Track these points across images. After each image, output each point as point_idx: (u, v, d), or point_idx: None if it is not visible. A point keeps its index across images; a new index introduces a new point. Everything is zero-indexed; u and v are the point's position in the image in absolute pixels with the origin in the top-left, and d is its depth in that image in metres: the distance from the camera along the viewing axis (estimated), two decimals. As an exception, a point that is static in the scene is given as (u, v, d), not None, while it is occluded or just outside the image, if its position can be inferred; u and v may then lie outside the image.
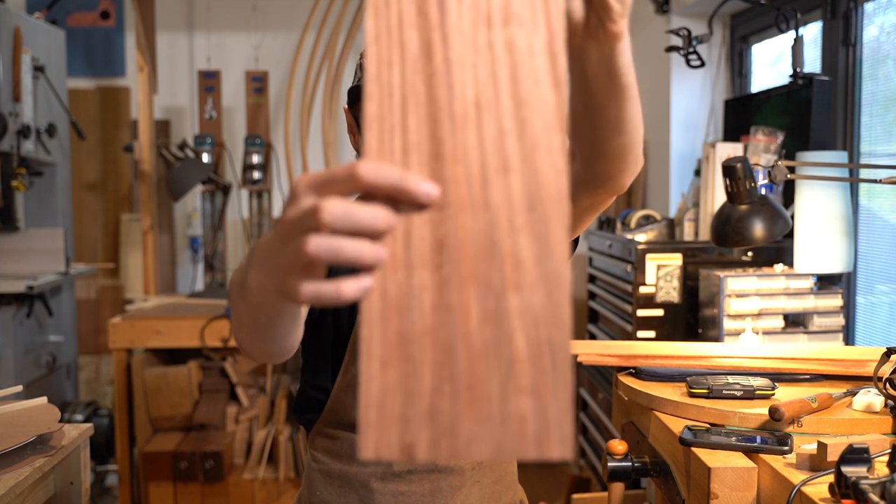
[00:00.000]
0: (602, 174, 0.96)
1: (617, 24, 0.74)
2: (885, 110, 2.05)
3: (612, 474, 1.46)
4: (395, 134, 0.57)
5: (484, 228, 0.55)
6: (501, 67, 0.61)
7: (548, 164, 0.57)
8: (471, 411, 0.51)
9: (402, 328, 0.53)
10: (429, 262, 0.54)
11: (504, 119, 0.59)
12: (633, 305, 2.22)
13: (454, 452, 0.51)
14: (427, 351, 0.52)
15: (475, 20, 0.62)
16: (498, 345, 0.53)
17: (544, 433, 0.51)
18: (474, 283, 0.54)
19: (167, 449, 2.94)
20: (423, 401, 0.51)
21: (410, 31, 0.61)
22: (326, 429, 1.24)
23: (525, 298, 0.54)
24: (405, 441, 0.50)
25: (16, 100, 2.73)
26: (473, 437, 0.51)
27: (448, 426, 0.51)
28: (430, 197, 0.52)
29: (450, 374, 0.52)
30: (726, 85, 3.00)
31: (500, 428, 0.51)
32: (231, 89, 3.81)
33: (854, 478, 0.92)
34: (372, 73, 0.59)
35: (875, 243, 2.05)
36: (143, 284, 3.56)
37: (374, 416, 0.51)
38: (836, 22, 2.21)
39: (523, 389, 0.51)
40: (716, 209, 2.27)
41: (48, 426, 1.49)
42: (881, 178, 1.59)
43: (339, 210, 0.51)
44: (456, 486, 1.21)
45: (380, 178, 0.52)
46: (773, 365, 1.50)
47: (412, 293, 0.53)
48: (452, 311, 0.53)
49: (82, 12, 3.92)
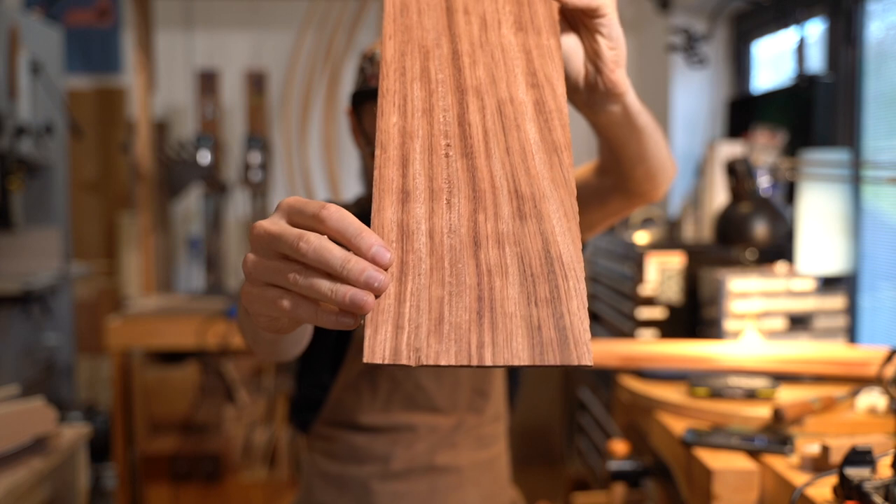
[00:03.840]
0: (634, 190, 1.03)
1: (613, 73, 0.78)
2: (889, 109, 2.04)
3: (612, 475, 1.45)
4: (408, 100, 0.61)
5: (493, 171, 0.59)
6: (510, 59, 0.67)
7: (556, 118, 0.62)
8: (480, 321, 0.52)
9: (411, 248, 0.55)
10: (438, 195, 0.57)
11: (516, 90, 0.64)
12: (634, 305, 2.21)
13: (463, 357, 0.51)
14: (437, 267, 0.54)
15: (482, 26, 0.67)
16: (508, 262, 0.54)
17: (561, 340, 0.51)
18: (482, 209, 0.57)
19: (166, 450, 2.93)
20: (433, 310, 0.52)
21: (423, 32, 0.67)
22: (325, 430, 1.23)
23: (534, 224, 0.56)
24: (412, 346, 0.51)
25: (13, 99, 2.72)
26: (483, 344, 0.51)
27: (456, 334, 0.51)
28: (379, 261, 0.53)
29: (459, 289, 0.53)
30: (728, 84, 2.99)
31: (512, 336, 0.51)
32: (231, 89, 3.80)
33: (857, 480, 0.91)
34: (388, 59, 0.64)
35: (879, 243, 2.04)
36: (141, 284, 3.55)
37: (381, 318, 0.52)
38: (839, 20, 2.20)
39: (537, 301, 0.53)
40: (717, 209, 2.26)
41: (45, 427, 1.48)
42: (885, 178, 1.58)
43: (314, 245, 0.53)
44: (454, 486, 1.20)
45: (339, 228, 0.53)
46: (775, 366, 1.49)
47: (420, 220, 0.56)
48: (462, 235, 0.55)
49: (80, 11, 3.91)
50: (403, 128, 0.61)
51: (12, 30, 2.74)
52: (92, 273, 3.47)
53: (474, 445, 1.23)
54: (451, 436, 1.21)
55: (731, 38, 2.96)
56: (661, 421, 1.35)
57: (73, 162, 3.64)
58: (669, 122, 3.04)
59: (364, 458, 1.19)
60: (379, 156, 0.59)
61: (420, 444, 1.19)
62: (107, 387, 3.75)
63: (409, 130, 0.61)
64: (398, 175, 0.58)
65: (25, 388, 2.74)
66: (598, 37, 0.77)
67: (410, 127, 0.61)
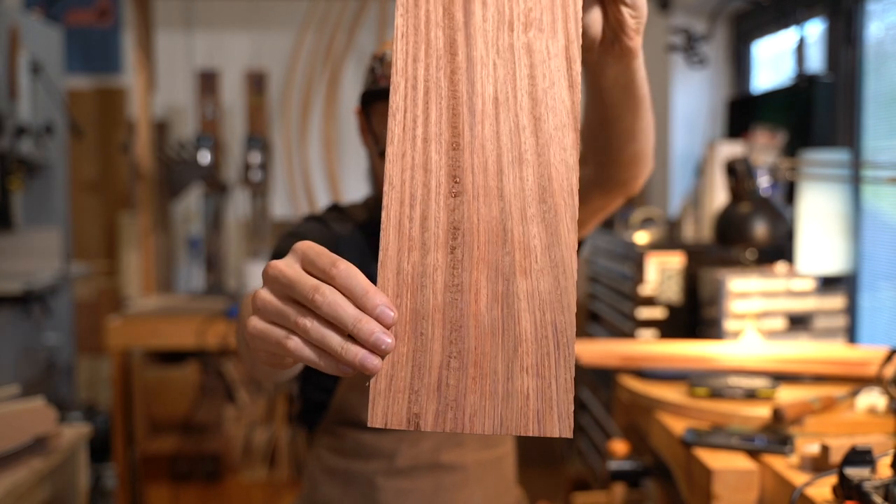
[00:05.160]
0: (615, 179, 1.01)
1: (633, 40, 0.78)
2: (889, 109, 2.04)
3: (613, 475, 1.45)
4: (418, 124, 0.61)
5: (497, 216, 0.59)
6: (520, 68, 0.65)
7: (559, 160, 0.61)
8: (476, 386, 0.55)
9: (414, 305, 0.56)
10: (443, 245, 0.58)
11: (521, 115, 0.63)
12: (634, 305, 2.21)
13: (458, 425, 0.54)
14: (437, 327, 0.56)
15: (498, 23, 0.66)
16: (505, 325, 0.56)
17: (546, 411, 0.54)
18: (485, 266, 0.58)
19: (166, 450, 2.93)
20: (432, 374, 0.55)
21: (437, 31, 0.65)
22: (331, 426, 1.24)
23: (533, 283, 0.57)
24: (412, 411, 0.54)
25: (13, 99, 2.72)
26: (477, 411, 0.54)
27: (454, 399, 0.55)
28: (383, 321, 0.55)
29: (458, 351, 0.56)
30: (727, 84, 2.99)
31: (504, 404, 0.55)
32: (231, 89, 3.80)
33: (857, 479, 0.91)
34: (399, 67, 0.63)
35: (879, 243, 2.04)
36: (141, 284, 3.55)
37: (384, 386, 0.54)
38: (838, 20, 2.20)
39: (527, 369, 0.55)
40: (717, 209, 2.26)
41: (45, 427, 1.48)
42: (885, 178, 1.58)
43: (329, 300, 0.55)
44: (459, 484, 1.21)
45: (348, 286, 0.55)
46: (775, 366, 1.49)
47: (426, 272, 0.57)
48: (463, 291, 0.57)
49: (80, 11, 3.91)
50: (413, 159, 0.60)
51: (12, 30, 2.74)
52: (92, 273, 3.47)
53: (480, 445, 1.24)
54: (457, 434, 1.21)
55: (731, 38, 2.96)
56: (661, 421, 1.35)
57: (73, 162, 3.64)
58: (669, 122, 3.04)
59: (370, 454, 1.20)
60: (387, 192, 0.59)
61: (426, 441, 1.20)
62: (107, 387, 3.76)
63: (418, 163, 0.60)
64: (406, 217, 0.58)
65: (25, 388, 2.74)
66: (622, 6, 0.76)
67: (419, 157, 0.60)
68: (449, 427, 0.54)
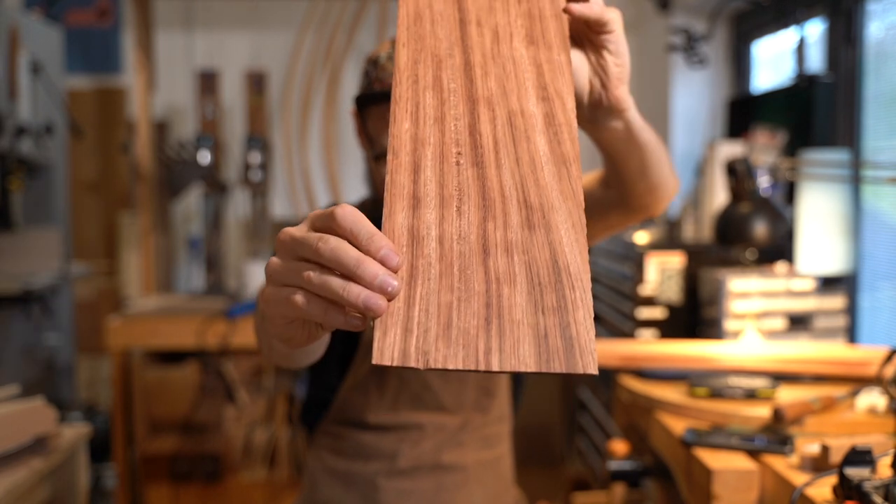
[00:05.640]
0: (635, 205, 1.04)
1: (618, 89, 0.79)
2: (889, 109, 2.04)
3: (612, 475, 1.45)
4: (420, 107, 0.63)
5: (502, 180, 0.60)
6: (519, 67, 0.68)
7: (566, 131, 0.63)
8: (489, 326, 0.53)
9: (421, 252, 0.56)
10: (448, 202, 0.58)
11: (523, 101, 0.65)
12: (634, 305, 2.21)
13: (471, 362, 0.52)
14: (446, 273, 0.55)
15: (492, 39, 0.69)
16: (516, 271, 0.56)
17: (567, 349, 0.52)
18: (492, 219, 0.58)
19: (166, 450, 2.93)
20: (442, 314, 0.53)
21: (435, 42, 0.68)
22: (332, 427, 1.24)
23: (542, 234, 0.57)
24: (421, 349, 0.52)
25: (13, 99, 2.72)
26: (490, 349, 0.52)
27: (464, 338, 0.52)
28: (388, 263, 0.54)
29: (468, 294, 0.54)
30: (727, 84, 2.99)
31: (520, 343, 0.53)
32: (231, 89, 3.80)
33: (857, 479, 0.91)
34: (401, 67, 0.65)
35: (879, 243, 2.04)
36: (141, 284, 3.55)
37: (390, 322, 0.53)
38: (838, 20, 2.20)
39: (544, 310, 0.54)
40: (717, 209, 2.26)
41: (45, 427, 1.48)
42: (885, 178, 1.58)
43: (331, 245, 0.54)
44: (459, 485, 1.21)
45: (353, 229, 0.55)
46: (775, 366, 1.49)
47: (431, 224, 0.57)
48: (471, 242, 0.57)
49: (80, 11, 3.91)
50: (416, 134, 0.62)
51: (12, 30, 2.74)
52: (92, 273, 3.46)
53: (480, 445, 1.24)
54: (458, 435, 1.22)
55: (731, 38, 2.96)
56: (661, 421, 1.35)
57: (73, 162, 3.64)
58: (669, 122, 3.04)
59: (371, 455, 1.20)
60: (391, 161, 0.60)
61: (427, 442, 1.20)
62: (107, 387, 3.75)
63: (421, 137, 0.62)
64: (409, 181, 0.59)
65: (25, 388, 2.74)
66: (604, 52, 0.78)
67: (422, 134, 0.62)
68: (462, 364, 0.51)
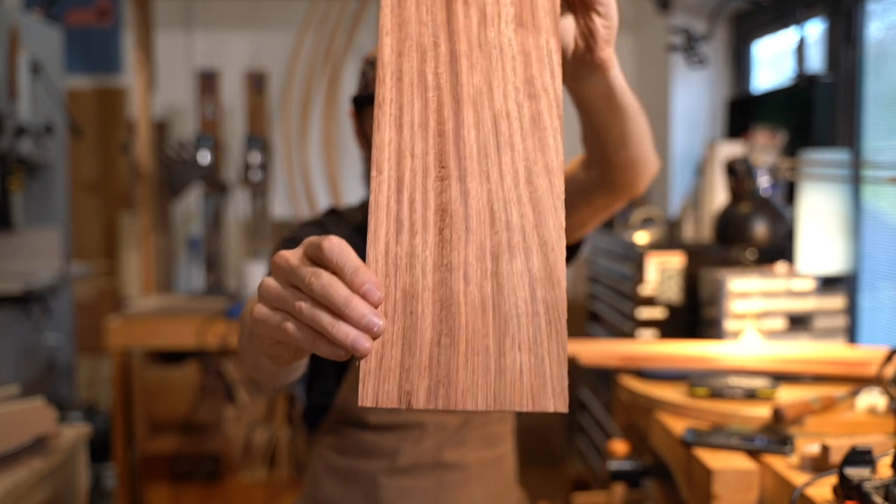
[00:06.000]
0: (616, 182, 1.02)
1: (604, 51, 0.78)
2: (889, 109, 2.04)
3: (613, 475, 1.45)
4: (404, 112, 0.62)
5: (484, 198, 0.60)
6: (503, 60, 0.66)
7: (545, 143, 0.62)
8: (468, 363, 0.54)
9: (404, 284, 0.56)
10: (431, 225, 0.58)
11: (506, 103, 0.64)
12: (634, 305, 2.21)
13: (451, 402, 0.53)
14: (428, 306, 0.56)
15: (479, 20, 0.67)
16: (496, 302, 0.56)
17: (540, 386, 0.54)
18: (474, 246, 0.58)
19: (166, 450, 2.93)
20: (423, 352, 0.54)
21: (420, 27, 0.66)
22: (333, 426, 1.24)
23: (521, 261, 0.57)
24: (404, 389, 0.53)
25: (13, 99, 2.72)
26: (469, 387, 0.54)
27: (446, 376, 0.54)
28: (369, 299, 0.55)
29: (449, 328, 0.55)
30: (728, 84, 2.99)
31: (497, 380, 0.54)
32: (231, 89, 3.80)
33: (857, 479, 0.91)
34: (384, 61, 0.64)
35: (879, 243, 2.04)
36: (141, 284, 3.55)
37: (374, 365, 0.54)
38: (838, 20, 2.20)
39: (519, 345, 0.55)
40: (717, 209, 2.26)
41: (45, 427, 1.48)
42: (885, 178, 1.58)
43: (322, 282, 0.55)
44: (461, 483, 1.21)
45: (338, 262, 0.56)
46: (775, 366, 1.49)
47: (414, 252, 0.57)
48: (452, 270, 0.57)
49: (80, 11, 3.91)
50: (399, 146, 0.61)
51: (12, 30, 2.74)
52: (92, 273, 3.46)
53: (481, 444, 1.24)
54: (459, 433, 1.22)
55: (731, 38, 2.96)
56: (661, 421, 1.35)
57: (73, 162, 3.64)
58: (669, 122, 3.04)
59: (372, 453, 1.20)
60: (374, 178, 0.60)
61: (428, 440, 1.20)
62: (107, 387, 3.75)
63: (405, 148, 0.61)
64: (394, 201, 0.59)
65: (25, 388, 2.74)
66: (594, 14, 0.76)
67: (406, 144, 0.61)
68: (441, 404, 0.53)
